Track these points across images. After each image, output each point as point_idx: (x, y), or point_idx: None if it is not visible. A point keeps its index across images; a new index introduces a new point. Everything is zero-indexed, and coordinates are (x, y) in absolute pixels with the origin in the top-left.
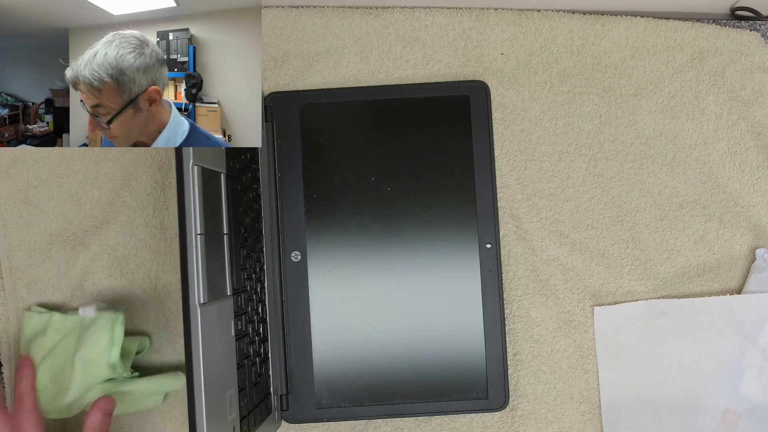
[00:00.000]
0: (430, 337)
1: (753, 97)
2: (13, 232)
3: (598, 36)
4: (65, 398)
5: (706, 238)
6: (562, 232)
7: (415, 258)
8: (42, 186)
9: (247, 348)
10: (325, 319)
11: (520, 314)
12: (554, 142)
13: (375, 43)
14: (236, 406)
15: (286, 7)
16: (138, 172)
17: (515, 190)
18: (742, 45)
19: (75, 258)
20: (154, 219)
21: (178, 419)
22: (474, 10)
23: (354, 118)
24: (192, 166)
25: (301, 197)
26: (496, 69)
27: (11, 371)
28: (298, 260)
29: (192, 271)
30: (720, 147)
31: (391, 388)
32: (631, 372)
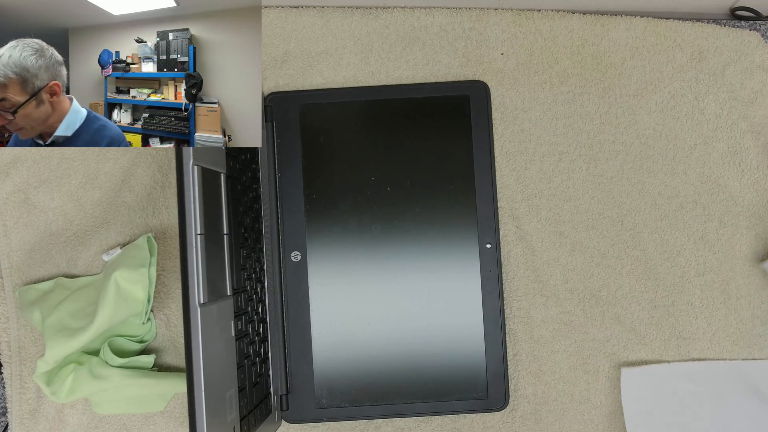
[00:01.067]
0: (430, 337)
1: (753, 97)
2: (13, 232)
3: (598, 36)
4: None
5: (706, 238)
6: (562, 233)
7: (415, 258)
8: (42, 186)
9: (247, 348)
10: (325, 319)
11: (520, 314)
12: (554, 142)
13: (375, 43)
14: (236, 406)
15: (286, 7)
16: (138, 172)
17: (515, 190)
18: (742, 45)
19: (75, 258)
20: (154, 219)
21: (178, 419)
22: (474, 10)
23: (354, 118)
24: (192, 166)
25: (301, 197)
26: (496, 69)
27: (11, 371)
28: (298, 260)
29: (192, 271)
30: (720, 147)
31: (391, 388)
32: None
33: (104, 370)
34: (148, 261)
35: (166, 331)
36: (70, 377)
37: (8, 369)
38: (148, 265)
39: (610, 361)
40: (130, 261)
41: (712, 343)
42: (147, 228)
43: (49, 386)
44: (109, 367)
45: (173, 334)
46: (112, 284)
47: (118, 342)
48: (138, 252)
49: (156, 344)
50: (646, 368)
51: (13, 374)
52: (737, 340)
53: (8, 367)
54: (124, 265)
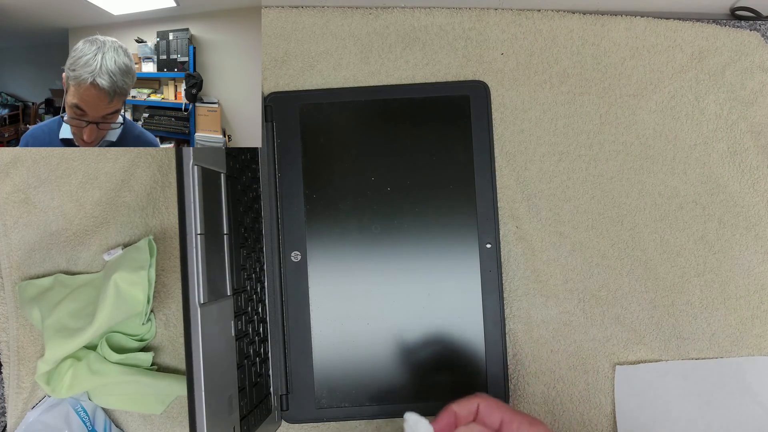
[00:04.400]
0: (430, 337)
1: (753, 97)
2: (13, 232)
3: (598, 36)
4: (82, 335)
5: (706, 238)
6: (562, 233)
7: (415, 258)
8: (42, 186)
9: (247, 348)
10: (325, 319)
11: (520, 315)
12: (554, 142)
13: (375, 43)
14: (236, 406)
15: (286, 7)
16: (138, 172)
17: (515, 191)
18: (742, 45)
19: (75, 258)
20: (154, 219)
21: (177, 419)
22: (474, 10)
23: (354, 118)
24: (192, 166)
25: (301, 197)
26: (496, 69)
27: (9, 371)
28: (298, 260)
29: (192, 271)
30: (720, 147)
31: (392, 388)
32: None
33: (102, 366)
34: (148, 263)
35: (166, 331)
36: (68, 373)
37: (7, 369)
38: (148, 266)
39: (610, 361)
40: (131, 263)
41: (712, 344)
42: (147, 228)
43: (48, 384)
44: (107, 362)
45: (173, 333)
46: (112, 286)
47: (117, 338)
48: (138, 254)
49: (155, 343)
50: (639, 366)
51: (11, 374)
52: (737, 340)
53: (7, 367)
54: (124, 267)
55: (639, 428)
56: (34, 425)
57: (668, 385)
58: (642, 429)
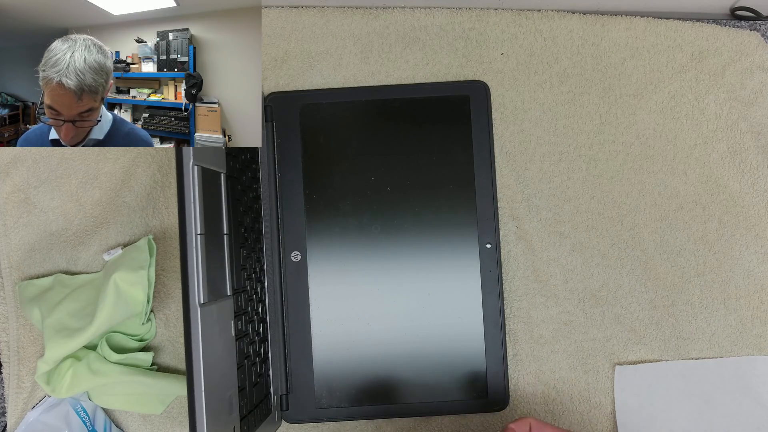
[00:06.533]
0: (430, 337)
1: (753, 97)
2: (13, 232)
3: (598, 36)
4: (83, 334)
5: (706, 238)
6: (562, 233)
7: (415, 258)
8: (42, 186)
9: (247, 348)
10: (325, 319)
11: (520, 314)
12: (554, 142)
13: (375, 43)
14: (236, 406)
15: (286, 7)
16: (138, 172)
17: (515, 191)
18: (742, 45)
19: (75, 258)
20: (154, 219)
21: (177, 419)
22: (474, 10)
23: (354, 118)
24: (192, 166)
25: (301, 197)
26: (496, 69)
27: (9, 371)
28: (298, 260)
29: (192, 271)
30: (720, 147)
31: (391, 388)
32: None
33: (102, 366)
34: (148, 263)
35: (165, 331)
36: (68, 373)
37: (7, 369)
38: (148, 266)
39: (610, 361)
40: (131, 263)
41: (712, 344)
42: (147, 228)
43: (48, 384)
44: (107, 362)
45: (172, 333)
46: (112, 286)
47: (117, 338)
48: (138, 254)
49: (155, 343)
50: (639, 366)
51: (11, 374)
52: (736, 340)
53: (7, 367)
54: (124, 266)
55: (639, 428)
56: (34, 425)
57: (668, 385)
58: (642, 429)
